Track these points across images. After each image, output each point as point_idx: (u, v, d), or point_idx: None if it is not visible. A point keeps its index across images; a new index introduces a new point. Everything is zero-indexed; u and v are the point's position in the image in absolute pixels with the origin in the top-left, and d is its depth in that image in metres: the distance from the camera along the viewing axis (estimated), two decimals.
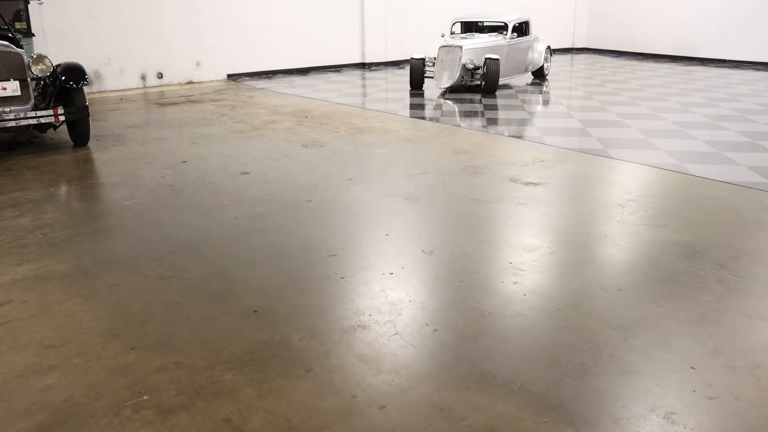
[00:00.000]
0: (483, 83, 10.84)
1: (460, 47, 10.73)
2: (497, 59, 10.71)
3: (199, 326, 3.37)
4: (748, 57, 14.73)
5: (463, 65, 10.76)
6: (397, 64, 14.84)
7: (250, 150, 7.11)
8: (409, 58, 11.67)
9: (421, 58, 11.24)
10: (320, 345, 3.18)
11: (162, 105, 10.06)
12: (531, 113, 9.33)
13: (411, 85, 11.44)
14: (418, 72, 11.31)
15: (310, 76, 13.33)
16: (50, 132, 7.70)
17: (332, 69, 14.04)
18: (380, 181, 5.90)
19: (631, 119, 8.76)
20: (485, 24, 12.27)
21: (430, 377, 2.92)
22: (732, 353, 3.10)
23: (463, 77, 10.89)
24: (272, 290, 3.77)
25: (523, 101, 10.31)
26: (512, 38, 11.56)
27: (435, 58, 11.12)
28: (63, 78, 6.85)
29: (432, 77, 11.21)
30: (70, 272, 4.03)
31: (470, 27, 12.40)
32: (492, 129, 8.26)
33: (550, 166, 6.40)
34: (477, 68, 10.81)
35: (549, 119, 8.83)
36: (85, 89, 7.08)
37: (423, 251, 4.32)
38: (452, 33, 12.12)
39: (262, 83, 12.24)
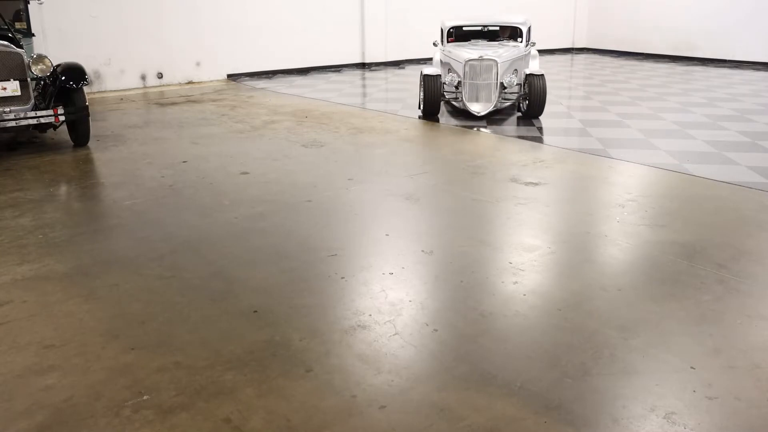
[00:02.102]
0: (524, 107, 8.78)
1: (495, 61, 8.46)
2: (542, 75, 8.50)
3: (199, 326, 3.37)
4: (748, 57, 14.73)
5: (501, 84, 8.55)
6: (397, 64, 14.84)
7: (250, 150, 7.11)
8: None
9: (437, 75, 8.62)
10: (320, 345, 3.18)
11: (162, 105, 10.06)
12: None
13: (423, 111, 8.79)
14: (434, 94, 8.61)
15: (310, 76, 13.33)
16: (50, 132, 7.70)
17: (332, 69, 14.04)
18: (380, 181, 5.90)
19: (631, 119, 8.75)
20: (488, 29, 10.06)
21: (430, 377, 2.92)
22: (732, 353, 3.10)
23: (500, 99, 8.73)
24: (272, 290, 3.77)
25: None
26: (526, 46, 9.55)
27: (453, 74, 8.83)
28: (63, 78, 6.86)
29: (448, 98, 8.93)
30: (70, 272, 4.03)
31: (471, 33, 10.06)
32: (492, 129, 8.26)
33: (550, 166, 6.40)
34: (506, 87, 8.64)
35: (549, 119, 8.82)
36: (85, 89, 7.09)
37: (423, 251, 4.32)
38: (448, 41, 9.74)
39: (262, 83, 12.24)
